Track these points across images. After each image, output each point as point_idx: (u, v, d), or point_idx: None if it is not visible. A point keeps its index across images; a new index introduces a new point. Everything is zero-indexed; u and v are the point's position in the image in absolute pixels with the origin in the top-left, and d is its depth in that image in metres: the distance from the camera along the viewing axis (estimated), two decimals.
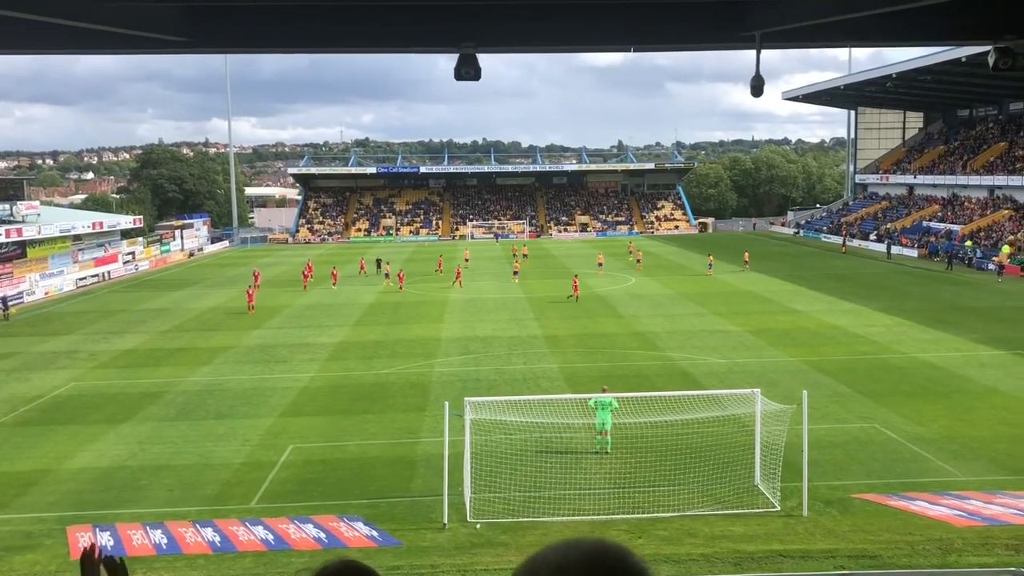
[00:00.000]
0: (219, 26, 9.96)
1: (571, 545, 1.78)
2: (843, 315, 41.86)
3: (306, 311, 46.79)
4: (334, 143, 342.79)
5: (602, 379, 28.11)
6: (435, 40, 10.46)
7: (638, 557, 1.78)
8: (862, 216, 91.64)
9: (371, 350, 35.78)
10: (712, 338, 36.79)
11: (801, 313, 42.79)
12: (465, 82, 10.20)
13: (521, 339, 37.37)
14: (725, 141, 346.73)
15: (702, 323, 40.46)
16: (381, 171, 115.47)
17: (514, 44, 10.58)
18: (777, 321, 40.64)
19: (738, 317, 41.68)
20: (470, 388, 28.19)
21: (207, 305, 50.12)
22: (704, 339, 36.58)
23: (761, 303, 46.41)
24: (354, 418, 25.67)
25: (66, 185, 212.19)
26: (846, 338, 36.40)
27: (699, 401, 21.42)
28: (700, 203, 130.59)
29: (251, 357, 34.90)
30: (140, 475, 21.25)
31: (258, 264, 75.55)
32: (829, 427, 23.66)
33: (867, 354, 33.13)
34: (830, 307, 44.46)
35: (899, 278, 57.17)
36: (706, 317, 42.08)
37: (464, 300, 49.39)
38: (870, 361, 31.94)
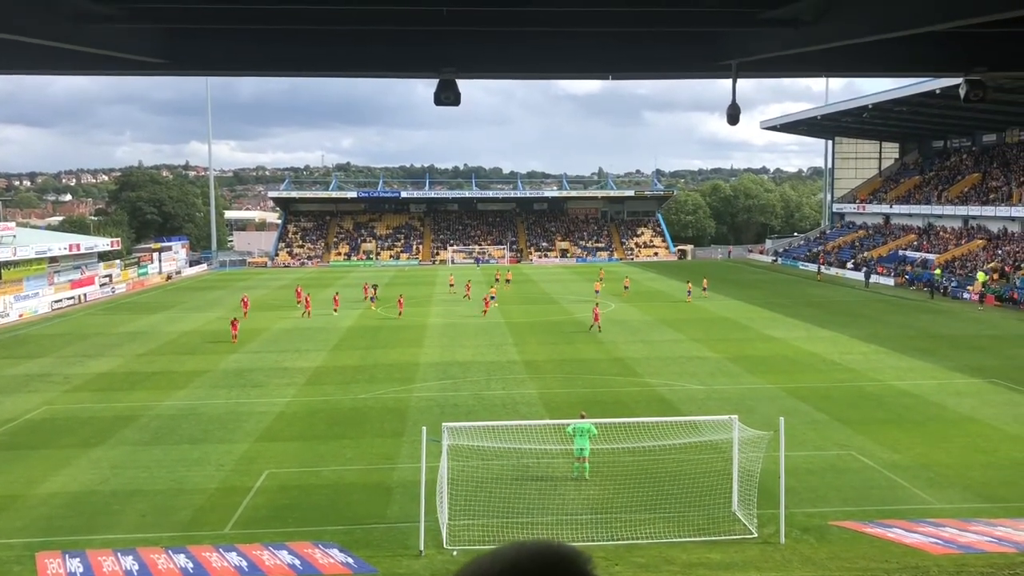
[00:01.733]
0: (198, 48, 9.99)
1: (519, 547, 1.80)
2: (820, 342, 42.11)
3: (284, 335, 46.51)
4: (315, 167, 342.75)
5: (581, 405, 28.07)
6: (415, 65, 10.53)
7: (585, 556, 1.80)
8: (839, 244, 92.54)
9: (349, 375, 35.57)
10: (690, 364, 36.87)
11: (779, 340, 43.00)
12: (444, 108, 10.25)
13: (500, 364, 37.30)
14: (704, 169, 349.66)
15: (681, 349, 40.56)
16: (362, 195, 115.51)
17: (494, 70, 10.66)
18: (755, 348, 40.80)
19: (716, 343, 41.83)
20: (448, 413, 28.05)
21: (184, 328, 49.71)
22: (683, 365, 36.66)
23: (739, 330, 46.61)
24: (331, 443, 25.46)
25: (43, 207, 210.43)
26: (823, 365, 36.59)
27: (677, 427, 21.42)
28: (679, 230, 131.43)
29: (227, 381, 34.60)
30: (112, 500, 20.93)
31: (237, 287, 75.11)
32: (806, 454, 23.71)
33: (844, 381, 33.31)
34: (808, 334, 44.73)
35: (876, 306, 57.64)
36: (685, 343, 42.20)
37: (443, 325, 49.28)
38: (847, 388, 32.10)
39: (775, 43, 9.77)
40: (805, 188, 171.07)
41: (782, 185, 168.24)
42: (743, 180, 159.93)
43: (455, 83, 10.43)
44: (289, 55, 10.37)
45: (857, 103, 79.27)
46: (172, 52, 9.84)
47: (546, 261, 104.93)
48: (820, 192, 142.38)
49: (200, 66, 10.45)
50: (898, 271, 73.59)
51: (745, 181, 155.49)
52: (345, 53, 10.20)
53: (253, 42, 10.22)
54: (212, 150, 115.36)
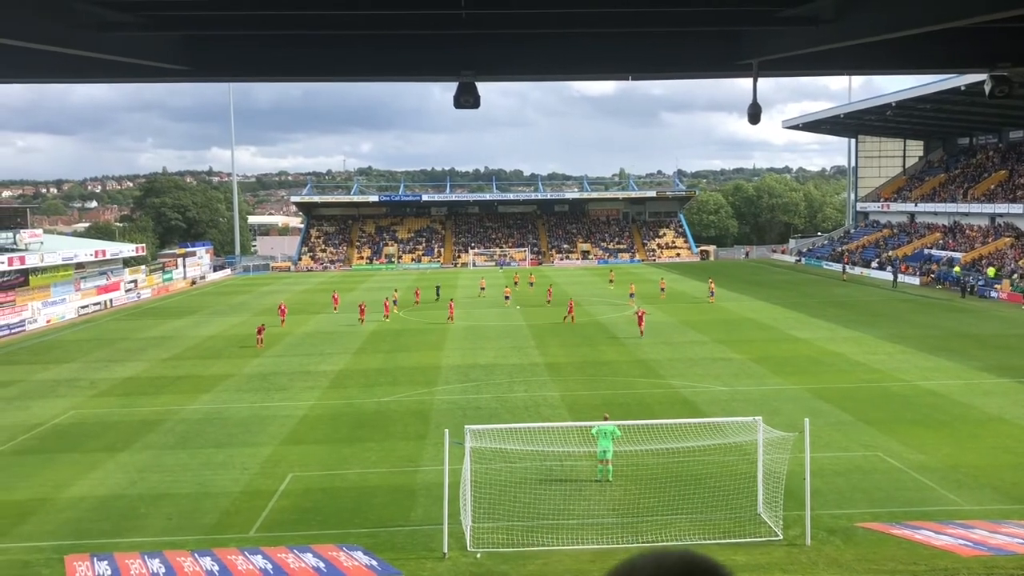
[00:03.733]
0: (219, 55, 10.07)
1: (662, 554, 1.85)
2: (845, 343, 41.76)
3: (307, 339, 46.76)
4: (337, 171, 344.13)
5: (603, 407, 28.01)
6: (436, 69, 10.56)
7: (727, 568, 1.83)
8: (864, 244, 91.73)
9: (372, 378, 35.70)
10: (714, 366, 36.69)
11: (803, 341, 42.70)
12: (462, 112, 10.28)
13: (522, 367, 37.29)
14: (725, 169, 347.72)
15: (704, 351, 40.37)
16: (383, 199, 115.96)
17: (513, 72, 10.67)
18: (779, 349, 40.55)
19: (740, 345, 41.60)
20: (471, 416, 28.08)
21: (208, 333, 50.10)
22: (706, 367, 36.49)
23: (763, 331, 46.34)
24: (354, 446, 25.55)
25: (70, 214, 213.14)
26: (848, 366, 36.29)
27: (701, 429, 21.32)
28: (701, 230, 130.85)
29: (251, 385, 34.83)
30: (139, 504, 21.13)
31: (261, 292, 75.65)
32: (832, 455, 23.52)
33: (869, 382, 33.01)
34: (832, 335, 44.37)
35: (901, 305, 57.07)
36: (708, 345, 42.01)
37: (465, 328, 49.34)
38: (872, 389, 31.81)
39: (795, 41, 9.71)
40: (828, 187, 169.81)
41: (806, 184, 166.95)
42: (766, 179, 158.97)
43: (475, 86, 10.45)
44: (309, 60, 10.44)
45: (881, 101, 78.56)
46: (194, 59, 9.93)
47: (567, 263, 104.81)
48: (843, 191, 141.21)
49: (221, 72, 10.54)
50: (924, 270, 72.85)
51: (768, 180, 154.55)
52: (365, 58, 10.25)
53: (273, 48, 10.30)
54: (235, 155, 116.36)
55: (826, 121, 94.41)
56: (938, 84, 65.76)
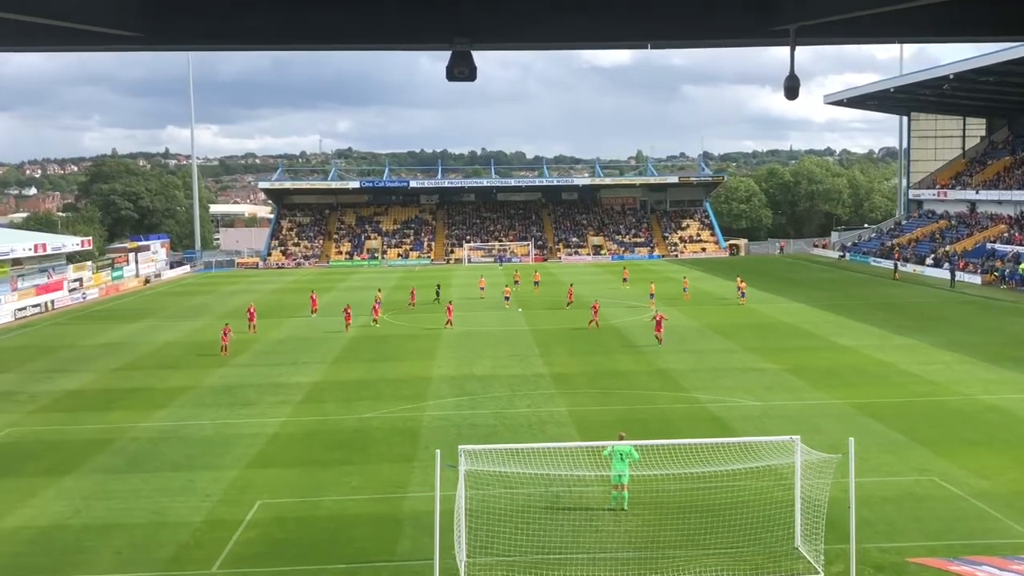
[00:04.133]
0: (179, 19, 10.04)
1: None
2: (896, 351, 41.78)
3: (278, 346, 46.79)
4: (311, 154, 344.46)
5: (618, 424, 28.02)
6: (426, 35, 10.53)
7: None
8: (917, 237, 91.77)
9: (352, 391, 35.72)
10: (745, 377, 36.71)
11: (847, 348, 42.72)
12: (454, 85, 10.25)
13: (525, 378, 37.31)
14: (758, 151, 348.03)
15: (733, 360, 40.39)
16: (365, 185, 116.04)
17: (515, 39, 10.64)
18: (820, 358, 40.57)
19: (774, 353, 41.62)
20: (465, 435, 28.08)
21: (165, 339, 50.13)
22: (736, 378, 36.50)
23: (801, 337, 46.34)
24: (332, 469, 25.56)
25: (5, 202, 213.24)
26: (899, 377, 36.30)
27: (730, 450, 21.31)
28: (730, 221, 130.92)
29: (214, 399, 34.85)
30: (85, 535, 21.13)
31: (225, 292, 75.65)
32: (880, 480, 23.52)
33: (924, 396, 33.02)
34: (881, 342, 44.40)
35: (960, 308, 57.09)
36: (738, 353, 42.03)
37: (460, 334, 49.38)
38: (927, 404, 31.82)
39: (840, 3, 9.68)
40: (876, 172, 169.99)
41: (850, 169, 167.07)
42: (804, 163, 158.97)
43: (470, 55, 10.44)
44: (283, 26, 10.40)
45: (936, 73, 78.57)
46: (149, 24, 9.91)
47: (577, 259, 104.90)
48: (894, 176, 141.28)
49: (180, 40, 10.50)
50: (986, 267, 72.85)
51: (807, 164, 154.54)
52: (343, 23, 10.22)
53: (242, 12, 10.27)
54: (194, 135, 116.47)
55: (874, 96, 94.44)
56: (1005, 53, 65.74)
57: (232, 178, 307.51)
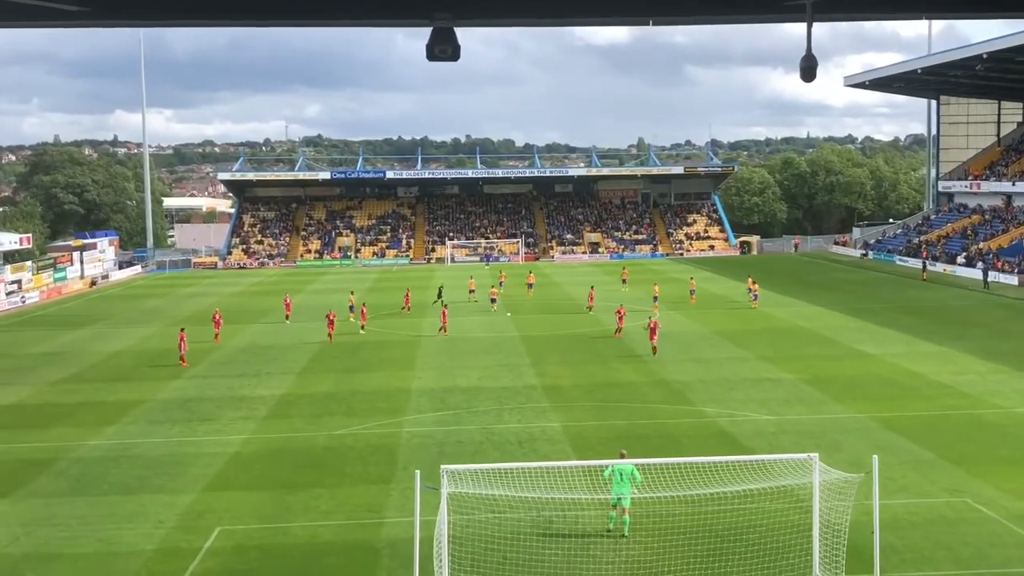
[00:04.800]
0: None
1: None
2: (925, 359, 41.93)
3: (240, 355, 46.67)
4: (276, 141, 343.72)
5: (617, 442, 28.02)
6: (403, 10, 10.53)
7: None
8: (947, 233, 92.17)
9: (322, 405, 35.66)
10: (758, 388, 36.79)
11: (871, 357, 42.86)
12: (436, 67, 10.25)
13: (514, 390, 37.30)
14: (772, 139, 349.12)
15: (745, 369, 40.47)
16: (336, 177, 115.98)
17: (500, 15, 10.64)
18: (840, 367, 40.68)
19: (791, 362, 41.72)
20: (449, 453, 28.07)
21: (113, 348, 49.94)
22: (748, 390, 36.58)
23: (820, 344, 46.46)
24: (300, 492, 25.50)
25: None
26: (929, 389, 36.43)
27: (741, 469, 21.33)
28: (741, 216, 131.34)
29: (169, 414, 34.74)
30: (24, 566, 21.03)
31: (180, 295, 75.42)
32: (907, 502, 23.59)
33: (955, 409, 33.15)
34: (908, 349, 44.56)
35: (995, 312, 57.34)
36: (750, 362, 42.11)
37: (442, 341, 49.33)
38: (960, 418, 31.94)
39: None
40: (902, 162, 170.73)
41: (873, 158, 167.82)
42: (823, 151, 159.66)
43: (453, 32, 10.45)
44: None
45: (968, 52, 78.93)
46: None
47: (572, 258, 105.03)
48: (921, 167, 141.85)
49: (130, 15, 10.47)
50: (1023, 267, 73.19)
51: (826, 153, 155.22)
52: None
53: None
54: (146, 120, 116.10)
55: (899, 78, 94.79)
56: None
57: (188, 168, 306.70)
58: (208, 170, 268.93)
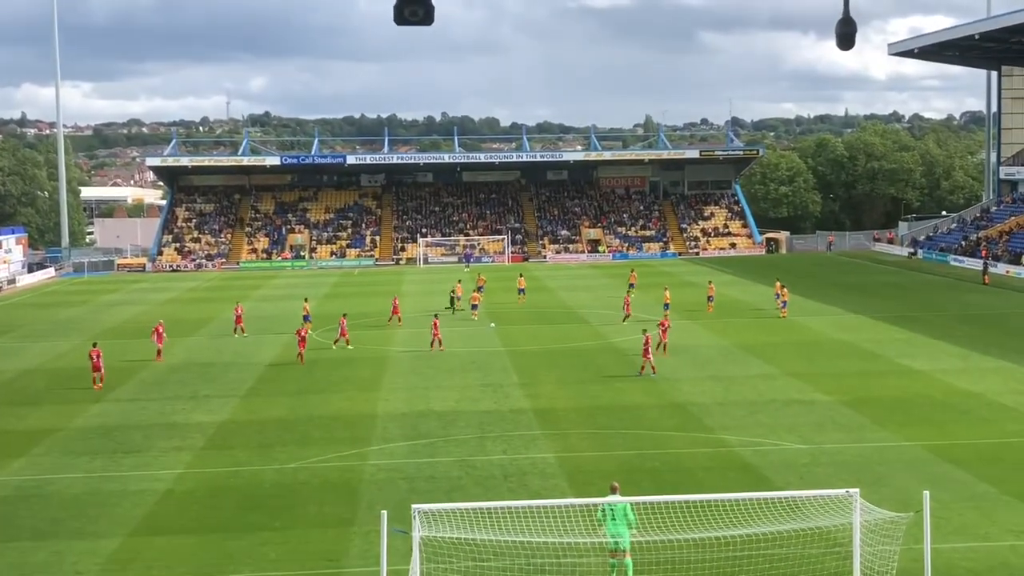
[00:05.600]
0: None
1: None
2: (984, 377, 42.03)
3: (173, 374, 46.48)
4: (216, 120, 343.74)
5: (622, 476, 27.99)
6: None
7: None
8: (1010, 228, 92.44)
9: (271, 433, 35.55)
10: (787, 412, 36.83)
11: (920, 374, 42.93)
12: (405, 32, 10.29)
13: (499, 415, 37.25)
14: (803, 117, 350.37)
15: (772, 389, 40.50)
16: (288, 162, 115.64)
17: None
18: (885, 386, 40.74)
19: (825, 380, 41.76)
20: (421, 490, 28.02)
21: (21, 366, 49.70)
22: (775, 413, 36.62)
23: (860, 359, 46.54)
24: (245, 537, 25.43)
25: None
26: (989, 411, 36.50)
27: (768, 508, 21.35)
28: (767, 208, 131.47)
29: (88, 445, 34.57)
30: None
31: (101, 303, 75.11)
32: (966, 546, 23.61)
33: (1021, 436, 33.18)
34: (964, 365, 44.66)
35: None
36: (778, 380, 42.14)
37: (413, 356, 49.23)
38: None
39: None
40: (957, 144, 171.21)
41: (923, 139, 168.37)
42: (863, 132, 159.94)
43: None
44: None
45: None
46: None
47: (567, 258, 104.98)
48: (979, 150, 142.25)
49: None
50: None
51: (867, 134, 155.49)
52: None
53: None
54: (60, 95, 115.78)
55: (952, 44, 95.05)
56: None
57: (111, 152, 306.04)
58: (134, 154, 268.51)
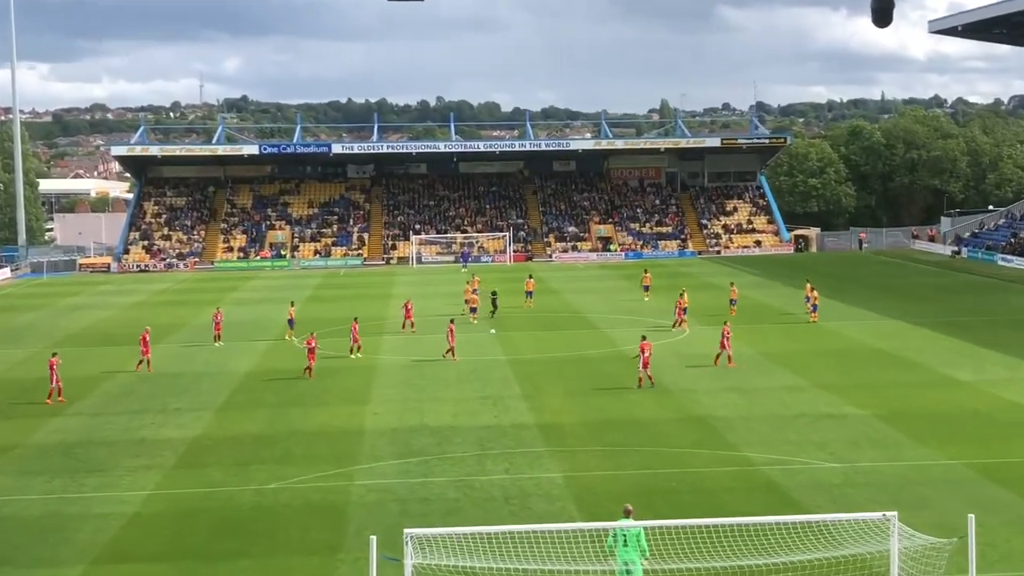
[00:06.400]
0: None
1: None
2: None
3: (140, 385, 46.43)
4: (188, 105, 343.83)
5: (636, 498, 27.97)
6: None
7: None
8: None
9: (249, 451, 35.52)
10: (817, 427, 36.79)
11: (965, 385, 42.89)
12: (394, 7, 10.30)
13: (500, 430, 37.22)
14: (835, 102, 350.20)
15: (801, 402, 40.46)
16: (267, 151, 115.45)
17: None
18: (926, 399, 40.71)
19: (860, 392, 41.70)
20: (413, 513, 28.01)
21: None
22: (804, 428, 36.59)
23: (898, 368, 46.51)
24: (220, 565, 25.43)
25: None
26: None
27: (797, 533, 21.34)
28: (795, 203, 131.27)
29: (47, 464, 34.55)
30: None
31: (62, 307, 75.11)
32: (1013, 575, 23.62)
33: None
34: (1013, 375, 44.63)
35: None
36: (808, 392, 42.10)
37: (405, 366, 49.19)
38: None
39: None
40: (1005, 131, 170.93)
41: (968, 126, 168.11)
42: (902, 118, 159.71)
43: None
44: None
45: None
46: None
47: (575, 257, 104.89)
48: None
49: None
50: None
51: (906, 120, 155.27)
52: None
53: None
54: (16, 77, 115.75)
55: (1000, 21, 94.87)
56: None
57: (72, 141, 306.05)
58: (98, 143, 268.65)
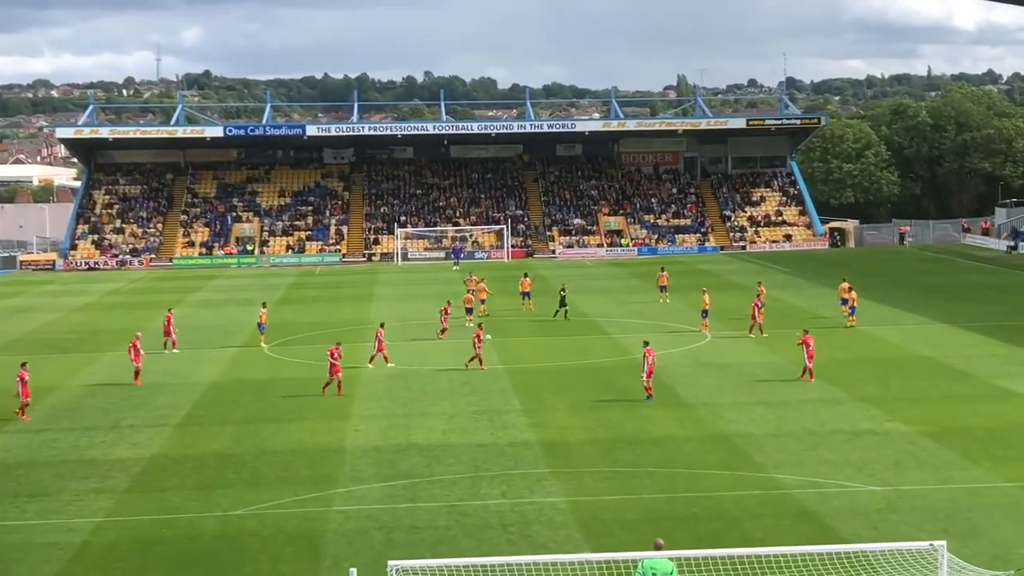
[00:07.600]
0: None
1: None
2: None
3: (89, 398, 46.46)
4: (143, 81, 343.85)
5: (650, 525, 28.01)
6: None
7: None
8: None
9: (213, 472, 35.56)
10: (855, 445, 36.81)
11: (1022, 398, 42.92)
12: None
13: (498, 448, 37.27)
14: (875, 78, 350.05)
15: (838, 417, 40.49)
16: (233, 134, 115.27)
17: None
18: (978, 413, 40.74)
19: (904, 406, 41.75)
20: (399, 543, 28.05)
21: None
22: (840, 447, 36.61)
23: (948, 379, 46.57)
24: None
25: None
26: None
27: (833, 564, 21.39)
28: (830, 192, 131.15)
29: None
30: None
31: (4, 308, 75.13)
32: None
33: None
34: None
35: None
36: (845, 406, 42.13)
37: (392, 375, 49.21)
38: None
39: None
40: None
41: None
42: (951, 96, 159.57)
43: None
44: None
45: None
46: None
47: (581, 253, 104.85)
48: None
49: None
50: None
51: (955, 98, 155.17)
52: None
53: None
54: None
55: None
56: None
57: (12, 122, 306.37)
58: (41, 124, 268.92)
